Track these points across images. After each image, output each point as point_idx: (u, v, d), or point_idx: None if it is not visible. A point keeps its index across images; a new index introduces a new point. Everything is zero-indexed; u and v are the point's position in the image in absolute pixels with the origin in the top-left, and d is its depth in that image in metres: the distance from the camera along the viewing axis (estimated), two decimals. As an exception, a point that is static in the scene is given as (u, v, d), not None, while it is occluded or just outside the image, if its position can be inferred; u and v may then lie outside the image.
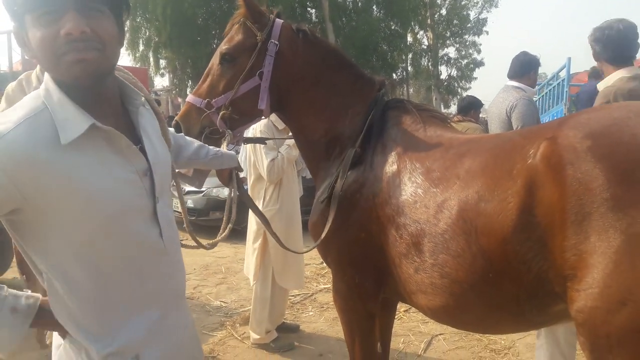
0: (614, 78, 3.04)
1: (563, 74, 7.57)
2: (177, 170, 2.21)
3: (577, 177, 1.45)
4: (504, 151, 1.74)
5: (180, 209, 2.21)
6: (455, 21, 25.24)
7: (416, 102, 2.35)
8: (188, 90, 20.94)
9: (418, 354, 3.89)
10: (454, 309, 1.85)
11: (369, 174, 2.11)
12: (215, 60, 2.35)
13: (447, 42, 26.97)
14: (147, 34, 20.61)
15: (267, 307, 3.93)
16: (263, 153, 3.76)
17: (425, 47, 27.24)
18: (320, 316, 4.69)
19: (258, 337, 3.94)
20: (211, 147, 2.13)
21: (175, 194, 1.97)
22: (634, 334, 1.34)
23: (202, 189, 8.05)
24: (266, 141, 3.70)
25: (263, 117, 2.51)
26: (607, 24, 3.16)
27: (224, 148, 2.28)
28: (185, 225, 2.11)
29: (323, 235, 2.10)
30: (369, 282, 2.13)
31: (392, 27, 25.27)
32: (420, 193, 1.90)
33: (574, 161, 1.47)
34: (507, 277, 1.64)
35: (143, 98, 1.54)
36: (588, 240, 1.40)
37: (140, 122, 1.48)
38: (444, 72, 28.77)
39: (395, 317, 4.56)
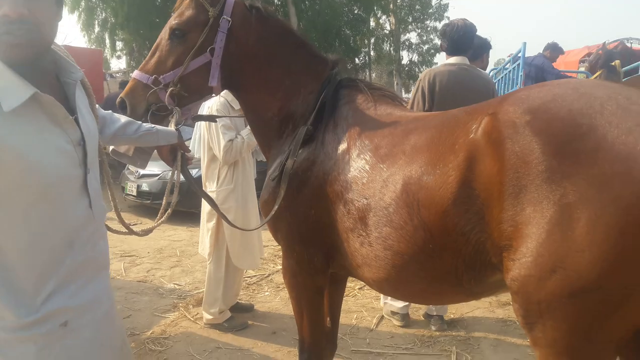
0: (443, 62, 3.77)
1: (518, 58, 7.69)
2: (112, 148, 2.17)
3: (515, 151, 1.48)
4: (448, 127, 1.77)
5: (134, 193, 2.17)
6: (417, 6, 25.39)
7: (368, 81, 2.36)
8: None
9: (370, 329, 3.95)
10: (396, 280, 1.89)
11: (319, 151, 2.12)
12: (164, 35, 2.28)
13: (409, 27, 27.13)
14: (103, 15, 19.94)
15: (220, 287, 3.89)
16: (220, 133, 3.67)
17: (387, 32, 27.36)
18: (276, 296, 4.70)
19: (211, 317, 3.91)
20: (145, 124, 2.08)
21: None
22: (562, 300, 1.39)
23: (158, 172, 7.92)
24: (225, 121, 3.65)
25: (214, 95, 2.46)
26: (450, 22, 3.90)
27: (171, 126, 2.23)
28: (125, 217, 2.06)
29: (273, 212, 2.10)
30: (318, 257, 2.14)
31: (355, 12, 25.21)
32: (367, 169, 1.93)
33: (513, 136, 1.50)
34: (447, 249, 1.68)
35: (81, 72, 1.57)
36: (524, 212, 1.44)
37: (76, 95, 1.51)
38: (406, 57, 29.02)
39: (350, 294, 4.67)
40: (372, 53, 27.45)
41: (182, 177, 2.28)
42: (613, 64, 6.69)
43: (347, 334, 3.84)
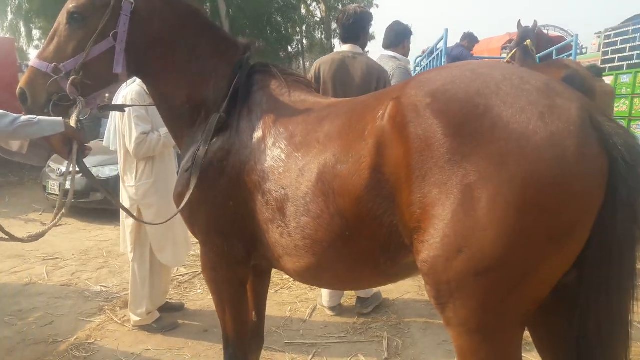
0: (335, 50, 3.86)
1: (441, 45, 7.93)
2: None
3: (418, 134, 1.50)
4: (358, 114, 1.78)
5: (57, 192, 2.03)
6: (346, -7, 25.53)
7: (281, 66, 2.30)
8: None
9: (304, 320, 3.96)
10: (316, 269, 1.89)
11: (235, 140, 2.06)
12: (62, 19, 2.12)
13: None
14: (17, 1, 18.68)
15: (146, 286, 3.74)
16: (133, 124, 3.45)
17: (318, 19, 27.35)
18: (208, 293, 4.58)
19: (138, 319, 3.76)
20: (24, 116, 1.93)
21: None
22: (469, 278, 1.43)
23: (82, 169, 7.54)
24: (140, 112, 3.47)
25: (121, 82, 2.32)
26: (343, 9, 3.92)
27: (74, 117, 2.09)
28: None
29: (183, 204, 2.03)
30: (238, 249, 2.10)
31: (286, -1, 25.05)
32: (283, 158, 1.90)
33: (415, 119, 1.52)
34: (363, 234, 1.70)
35: None
36: (431, 194, 1.46)
37: None
38: (337, 45, 28.99)
39: (285, 286, 4.65)
40: (304, 41, 27.40)
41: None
42: (525, 43, 6.99)
43: (280, 326, 3.82)
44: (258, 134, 2.01)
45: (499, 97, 1.43)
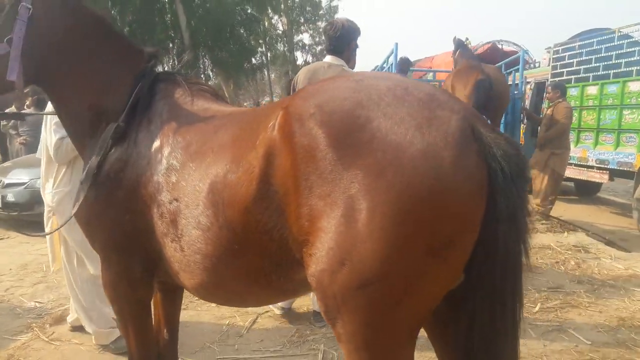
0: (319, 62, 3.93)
1: (391, 59, 8.02)
2: None
3: (304, 145, 1.47)
4: (253, 123, 1.74)
5: None
6: (308, 7, 25.75)
7: (186, 75, 2.26)
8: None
9: (240, 335, 3.88)
10: (209, 284, 1.83)
11: (132, 150, 1.99)
12: None
13: (302, 28, 27.45)
14: None
15: (94, 295, 3.60)
16: (52, 130, 3.38)
17: (280, 32, 27.46)
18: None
19: (96, 335, 3.59)
20: None
21: None
22: (352, 292, 1.39)
23: (26, 180, 7.30)
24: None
25: (16, 91, 2.23)
26: (331, 21, 3.94)
27: None
28: None
29: (70, 218, 1.96)
30: (137, 267, 2.02)
31: (249, 11, 25.04)
32: (178, 168, 1.84)
33: (299, 129, 1.49)
34: (252, 248, 1.65)
35: None
36: (317, 206, 1.43)
37: None
38: (300, 57, 29.30)
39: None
40: (268, 54, 27.45)
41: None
42: (465, 40, 7.68)
43: (215, 341, 3.73)
44: (156, 144, 1.95)
45: (380, 109, 1.42)
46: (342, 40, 3.80)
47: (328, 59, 3.86)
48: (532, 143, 10.44)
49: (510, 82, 7.67)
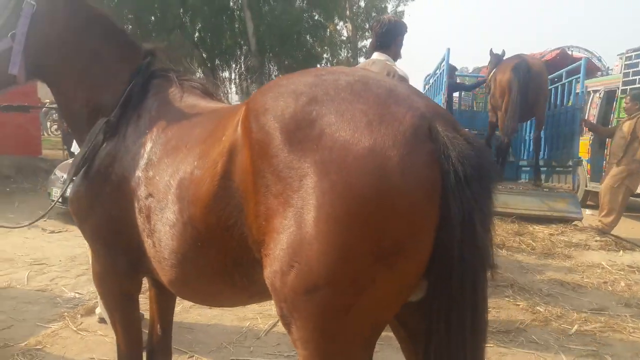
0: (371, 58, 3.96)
1: (443, 65, 7.79)
2: None
3: (259, 140, 1.42)
4: (224, 119, 1.72)
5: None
6: (373, 13, 25.60)
7: (182, 71, 2.29)
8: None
9: (258, 337, 3.87)
10: (177, 281, 1.82)
11: (121, 146, 2.02)
12: None
13: (366, 34, 27.31)
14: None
15: None
16: None
17: (344, 38, 27.47)
18: (178, 304, 4.58)
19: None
20: None
21: None
22: (302, 297, 1.33)
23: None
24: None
25: (19, 84, 2.32)
26: (379, 18, 4.03)
27: None
28: None
29: (48, 210, 2.01)
30: (122, 261, 2.04)
31: (316, 18, 25.25)
32: (155, 164, 1.85)
33: (255, 124, 1.45)
34: (214, 246, 1.62)
35: None
36: (272, 204, 1.38)
37: None
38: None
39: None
40: (331, 60, 27.54)
41: None
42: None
43: (232, 342, 3.74)
44: (141, 139, 1.97)
45: (334, 104, 1.35)
46: (389, 36, 3.86)
47: (375, 55, 3.88)
48: (600, 154, 9.82)
49: (576, 92, 7.23)
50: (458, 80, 9.55)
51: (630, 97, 7.43)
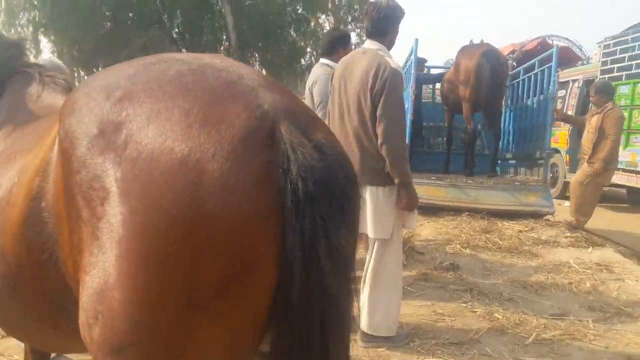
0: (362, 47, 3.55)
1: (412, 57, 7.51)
2: None
3: (65, 150, 1.11)
4: (52, 121, 1.38)
5: None
6: (355, 6, 25.22)
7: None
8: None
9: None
10: (3, 324, 1.56)
11: None
12: None
13: (349, 27, 26.95)
14: (26, 15, 19.06)
15: None
16: None
17: (327, 31, 27.16)
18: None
19: None
20: None
21: None
22: (109, 357, 1.04)
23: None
24: None
25: None
26: (374, 2, 3.45)
27: None
28: None
29: None
30: None
31: (299, 11, 24.88)
32: None
33: (62, 130, 1.14)
34: (29, 285, 1.32)
35: None
36: (83, 235, 1.07)
37: None
38: (349, 56, 28.76)
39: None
40: (315, 53, 27.21)
41: None
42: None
43: None
44: None
45: (151, 102, 1.04)
46: (386, 22, 3.38)
47: (367, 44, 3.46)
48: (579, 145, 9.61)
49: (549, 82, 6.94)
50: (431, 72, 9.27)
51: (595, 90, 6.95)
